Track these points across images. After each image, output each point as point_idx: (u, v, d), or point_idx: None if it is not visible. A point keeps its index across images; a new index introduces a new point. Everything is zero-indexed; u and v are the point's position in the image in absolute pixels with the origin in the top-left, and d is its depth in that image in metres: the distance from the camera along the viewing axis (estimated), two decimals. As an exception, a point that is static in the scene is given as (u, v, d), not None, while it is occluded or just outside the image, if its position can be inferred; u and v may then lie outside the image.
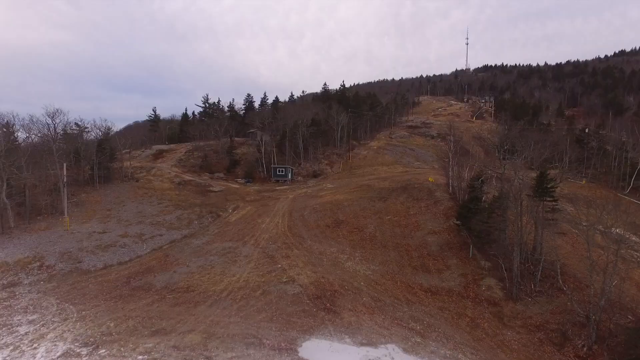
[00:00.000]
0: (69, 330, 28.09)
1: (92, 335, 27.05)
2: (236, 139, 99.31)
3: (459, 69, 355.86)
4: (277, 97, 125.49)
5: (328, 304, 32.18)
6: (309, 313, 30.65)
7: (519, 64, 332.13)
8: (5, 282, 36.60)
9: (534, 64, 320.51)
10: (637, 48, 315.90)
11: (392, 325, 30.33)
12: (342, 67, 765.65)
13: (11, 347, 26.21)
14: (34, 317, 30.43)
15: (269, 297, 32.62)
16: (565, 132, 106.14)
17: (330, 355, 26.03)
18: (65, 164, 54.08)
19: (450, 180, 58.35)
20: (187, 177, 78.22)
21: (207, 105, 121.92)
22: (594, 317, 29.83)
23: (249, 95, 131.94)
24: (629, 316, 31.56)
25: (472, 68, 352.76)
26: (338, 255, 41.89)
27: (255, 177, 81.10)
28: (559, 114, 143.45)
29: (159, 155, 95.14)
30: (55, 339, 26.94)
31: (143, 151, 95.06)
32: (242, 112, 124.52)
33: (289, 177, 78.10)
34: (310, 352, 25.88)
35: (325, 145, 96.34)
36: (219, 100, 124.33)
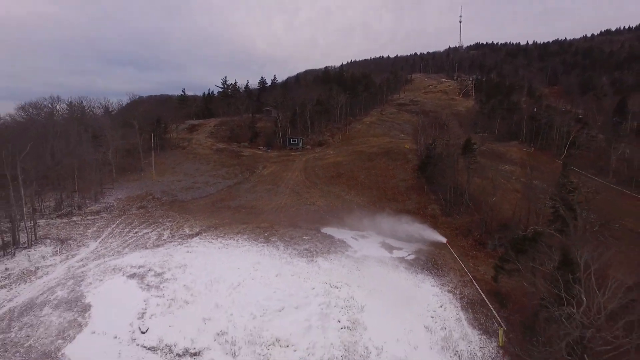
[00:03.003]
0: (194, 223, 51.63)
1: (209, 224, 50.65)
2: (252, 115, 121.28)
3: (452, 46, 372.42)
4: (287, 79, 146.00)
5: (334, 215, 55.73)
6: (323, 218, 54.27)
7: (509, 42, 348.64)
8: (137, 205, 59.91)
9: (524, 42, 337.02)
10: (622, 27, 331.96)
11: (371, 225, 53.83)
12: (339, 42, 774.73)
13: (168, 229, 49.76)
14: (169, 219, 53.91)
15: (300, 211, 56.18)
16: (527, 110, 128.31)
17: (337, 233, 49.75)
18: (151, 135, 76.51)
19: (418, 146, 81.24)
20: (221, 145, 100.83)
21: (226, 86, 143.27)
22: (484, 219, 53.37)
23: (262, 78, 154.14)
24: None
25: (465, 45, 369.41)
26: (339, 192, 65.29)
27: (274, 146, 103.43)
28: (529, 94, 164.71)
29: (192, 128, 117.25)
30: (190, 226, 50.53)
31: (178, 125, 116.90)
32: (257, 92, 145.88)
33: (300, 145, 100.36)
34: (327, 231, 49.58)
35: (328, 121, 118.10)
36: (235, 82, 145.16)
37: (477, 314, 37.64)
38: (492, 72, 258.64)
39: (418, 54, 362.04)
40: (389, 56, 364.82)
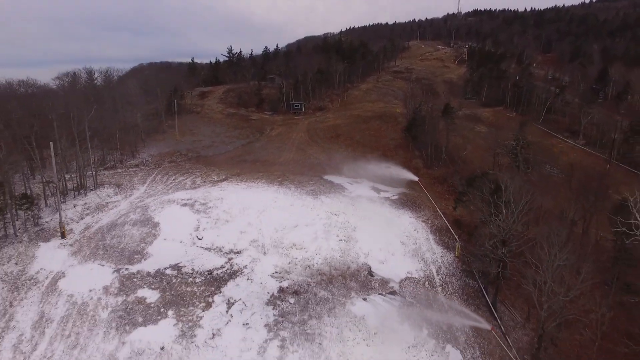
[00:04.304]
0: (220, 172, 63.48)
1: (232, 173, 62.53)
2: (258, 82, 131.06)
3: (450, 12, 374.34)
4: (288, 49, 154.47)
5: (333, 166, 67.52)
6: (325, 168, 66.14)
7: (507, 9, 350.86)
8: (168, 160, 71.53)
9: (521, 9, 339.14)
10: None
11: (363, 173, 65.66)
12: (338, 5, 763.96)
13: (199, 177, 61.59)
14: (197, 170, 65.71)
15: (306, 163, 68.02)
16: (512, 78, 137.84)
17: (336, 179, 61.66)
18: (174, 101, 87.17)
19: (407, 111, 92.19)
20: (231, 110, 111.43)
21: (232, 54, 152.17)
22: (456, 169, 65.25)
23: (266, 47, 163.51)
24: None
25: (463, 12, 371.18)
26: (338, 149, 76.95)
27: (278, 110, 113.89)
28: (518, 62, 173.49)
29: (203, 95, 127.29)
30: (217, 174, 62.42)
31: (192, 92, 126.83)
32: (260, 61, 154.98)
33: (303, 110, 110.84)
34: (327, 178, 61.48)
35: (327, 88, 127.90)
36: (240, 51, 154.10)
37: (442, 236, 50.14)
38: (487, 39, 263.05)
39: (416, 20, 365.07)
40: (387, 23, 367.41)
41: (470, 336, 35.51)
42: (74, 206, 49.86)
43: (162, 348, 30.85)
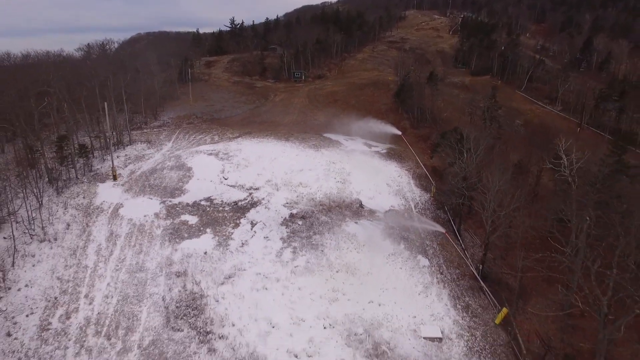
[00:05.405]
0: (234, 131, 73.62)
1: (244, 132, 72.75)
2: (261, 52, 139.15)
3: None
4: (288, 20, 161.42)
5: (331, 126, 77.64)
6: (324, 128, 76.41)
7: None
8: (186, 122, 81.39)
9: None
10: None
11: (357, 132, 75.87)
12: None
13: (216, 135, 71.79)
14: (214, 129, 75.57)
15: (307, 124, 78.16)
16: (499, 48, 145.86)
17: (333, 136, 72.10)
18: (187, 69, 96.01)
19: (398, 78, 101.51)
20: (236, 78, 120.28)
21: (234, 25, 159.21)
22: (438, 129, 75.39)
23: (267, 18, 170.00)
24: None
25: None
26: (335, 112, 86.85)
27: (280, 79, 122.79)
28: (508, 32, 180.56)
29: (209, 64, 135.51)
30: (231, 132, 72.58)
31: (200, 61, 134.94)
32: (262, 31, 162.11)
33: (303, 78, 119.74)
34: (327, 135, 71.83)
35: (326, 57, 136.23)
36: (242, 22, 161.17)
37: (421, 181, 61.01)
38: (483, 9, 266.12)
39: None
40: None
41: (437, 249, 46.80)
42: (117, 157, 60.18)
43: (205, 253, 41.88)
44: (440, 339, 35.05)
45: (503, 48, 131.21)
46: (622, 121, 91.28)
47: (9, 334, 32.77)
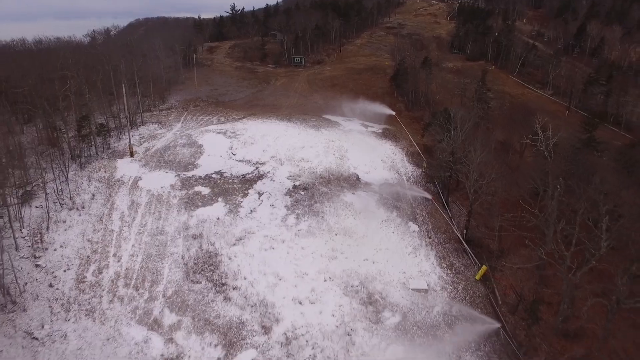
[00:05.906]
0: (239, 113, 78.18)
1: (249, 113, 77.36)
2: (262, 38, 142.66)
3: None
4: (287, 5, 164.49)
5: (330, 109, 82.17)
6: (323, 110, 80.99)
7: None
8: (193, 104, 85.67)
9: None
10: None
11: (355, 113, 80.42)
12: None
13: (222, 116, 76.33)
14: (219, 111, 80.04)
15: (308, 106, 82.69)
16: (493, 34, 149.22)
17: (332, 118, 76.80)
18: (192, 55, 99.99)
19: (394, 63, 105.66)
20: (238, 64, 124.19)
21: (235, 11, 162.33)
22: (431, 109, 79.94)
23: (267, 5, 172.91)
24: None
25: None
26: (334, 95, 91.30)
27: (280, 64, 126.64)
28: (504, 19, 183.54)
29: (211, 50, 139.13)
30: (236, 114, 77.06)
31: (203, 47, 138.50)
32: (262, 17, 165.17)
33: (303, 63, 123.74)
34: (326, 117, 76.46)
35: (325, 43, 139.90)
36: (243, 8, 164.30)
37: (414, 158, 65.84)
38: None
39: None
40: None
41: (426, 217, 51.89)
42: (132, 136, 64.83)
43: (218, 218, 46.89)
44: (426, 290, 40.28)
45: (497, 34, 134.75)
46: (609, 104, 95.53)
47: (51, 285, 37.92)
